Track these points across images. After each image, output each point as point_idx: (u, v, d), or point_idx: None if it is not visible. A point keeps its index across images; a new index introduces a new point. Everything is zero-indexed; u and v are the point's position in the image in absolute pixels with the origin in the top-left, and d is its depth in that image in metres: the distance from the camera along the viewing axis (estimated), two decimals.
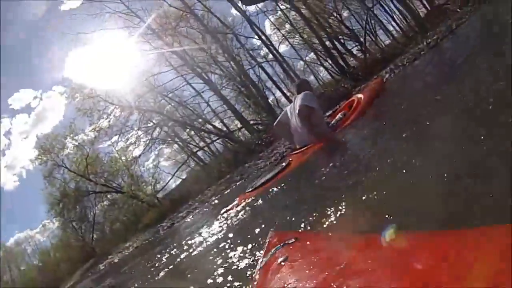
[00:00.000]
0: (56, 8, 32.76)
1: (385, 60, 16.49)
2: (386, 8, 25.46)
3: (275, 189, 3.97)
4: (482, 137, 1.60)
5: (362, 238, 1.16)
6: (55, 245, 27.77)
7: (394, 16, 26.43)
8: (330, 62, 24.82)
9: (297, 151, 4.89)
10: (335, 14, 27.27)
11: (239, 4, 22.87)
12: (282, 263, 1.09)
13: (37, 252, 28.24)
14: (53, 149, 25.47)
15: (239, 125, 26.69)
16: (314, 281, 0.91)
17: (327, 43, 23.74)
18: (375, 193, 1.72)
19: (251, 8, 26.05)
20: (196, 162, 28.14)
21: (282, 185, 4.02)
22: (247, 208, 3.88)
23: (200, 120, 26.72)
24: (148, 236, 13.73)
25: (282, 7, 26.67)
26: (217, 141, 27.95)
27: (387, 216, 1.43)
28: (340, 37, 26.11)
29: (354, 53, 26.06)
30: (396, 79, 8.96)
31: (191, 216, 9.83)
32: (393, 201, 1.59)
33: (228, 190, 9.67)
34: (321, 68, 28.69)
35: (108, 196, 27.06)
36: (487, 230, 0.82)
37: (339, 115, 5.28)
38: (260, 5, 26.18)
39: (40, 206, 35.25)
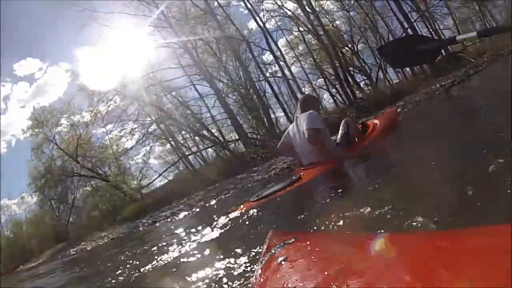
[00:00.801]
0: None
1: (393, 96, 16.60)
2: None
3: (285, 197, 3.96)
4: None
5: (362, 238, 1.15)
6: (29, 219, 27.12)
7: None
8: (339, 90, 25.00)
9: (307, 167, 4.70)
10: (349, 45, 27.51)
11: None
12: (282, 263, 1.07)
13: (10, 223, 27.50)
14: (47, 123, 25.26)
15: (236, 137, 26.57)
16: (314, 281, 0.89)
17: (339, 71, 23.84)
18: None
19: (270, 25, 26.22)
20: (186, 166, 27.85)
21: (293, 195, 3.98)
22: (251, 213, 3.77)
23: (198, 124, 26.54)
24: (126, 229, 13.44)
25: (300, 28, 26.90)
26: (211, 148, 27.81)
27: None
28: (351, 68, 26.24)
29: (361, 86, 26.22)
30: (409, 113, 8.85)
31: (176, 217, 9.56)
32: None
33: (220, 197, 9.58)
34: (326, 95, 28.86)
35: (92, 182, 26.64)
36: (487, 230, 0.83)
37: (340, 130, 5.12)
38: (279, 22, 26.40)
39: (22, 179, 34.79)
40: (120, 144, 26.59)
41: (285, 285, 0.95)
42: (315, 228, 1.87)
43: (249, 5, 25.61)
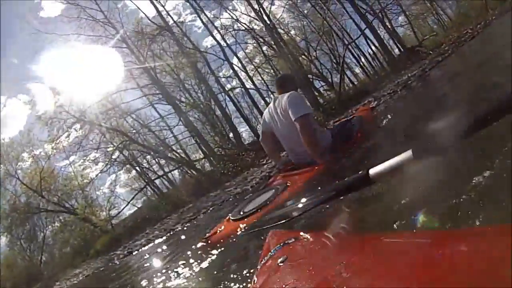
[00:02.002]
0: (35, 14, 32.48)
1: (358, 95, 16.94)
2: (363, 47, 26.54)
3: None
4: None
5: (363, 238, 1.15)
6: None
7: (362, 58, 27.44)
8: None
9: (293, 172, 3.99)
10: (305, 53, 27.94)
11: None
12: (282, 263, 1.07)
13: None
14: (7, 157, 24.28)
15: (201, 155, 26.33)
16: (314, 281, 0.89)
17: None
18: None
19: (229, 38, 26.40)
20: (154, 191, 27.30)
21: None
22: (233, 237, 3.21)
23: (161, 147, 26.17)
24: (101, 264, 12.91)
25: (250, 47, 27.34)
26: (178, 170, 27.43)
27: None
28: (309, 75, 26.66)
29: (321, 91, 26.68)
30: (384, 108, 8.79)
31: (152, 244, 9.19)
32: None
33: (197, 217, 9.39)
34: None
35: (60, 217, 25.83)
36: (487, 230, 0.83)
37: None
38: (236, 36, 26.63)
39: None
40: (85, 175, 25.82)
41: (285, 285, 0.94)
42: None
43: (205, 21, 25.86)
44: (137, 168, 27.27)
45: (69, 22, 23.79)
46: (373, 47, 27.43)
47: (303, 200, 1.70)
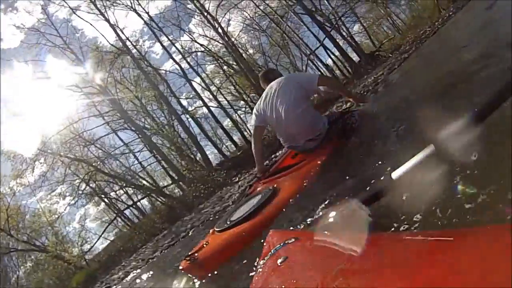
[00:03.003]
0: None
1: (324, 103, 17.11)
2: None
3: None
4: None
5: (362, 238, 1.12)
6: None
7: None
8: None
9: (276, 176, 3.79)
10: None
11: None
12: (282, 263, 1.07)
13: None
14: None
15: (170, 181, 26.05)
16: (314, 281, 0.88)
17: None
18: None
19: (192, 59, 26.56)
20: (125, 222, 26.67)
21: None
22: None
23: (128, 175, 25.74)
24: None
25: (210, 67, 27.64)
26: (147, 198, 26.93)
27: None
28: None
29: None
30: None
31: (131, 275, 8.89)
32: None
33: (174, 242, 9.11)
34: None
35: (32, 256, 24.83)
36: (487, 230, 0.83)
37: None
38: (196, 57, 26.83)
39: None
40: (53, 210, 25.00)
41: (285, 285, 0.95)
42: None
43: (165, 44, 25.93)
44: (106, 199, 26.59)
45: (29, 48, 23.54)
46: (333, 57, 28.13)
47: None
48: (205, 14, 25.72)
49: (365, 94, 4.44)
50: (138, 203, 27.34)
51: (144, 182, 26.10)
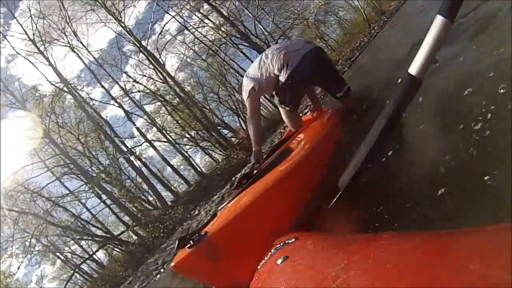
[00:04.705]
0: None
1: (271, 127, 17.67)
2: None
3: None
4: None
5: (363, 238, 1.16)
6: None
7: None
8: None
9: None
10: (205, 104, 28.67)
11: None
12: (282, 263, 1.07)
13: None
14: None
15: (124, 227, 25.26)
16: (314, 281, 0.90)
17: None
18: None
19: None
20: (84, 277, 25.33)
21: None
22: None
23: (79, 226, 24.71)
24: None
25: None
26: (103, 248, 25.85)
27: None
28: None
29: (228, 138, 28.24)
30: None
31: None
32: None
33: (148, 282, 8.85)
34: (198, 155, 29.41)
35: None
36: (487, 230, 0.83)
37: None
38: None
39: None
40: (7, 273, 23.41)
41: (285, 285, 0.95)
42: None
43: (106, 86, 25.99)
44: (60, 255, 25.29)
45: None
46: None
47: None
48: (144, 52, 25.65)
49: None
50: (95, 255, 26.14)
51: (98, 231, 25.07)
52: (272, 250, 1.23)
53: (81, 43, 25.67)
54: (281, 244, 1.24)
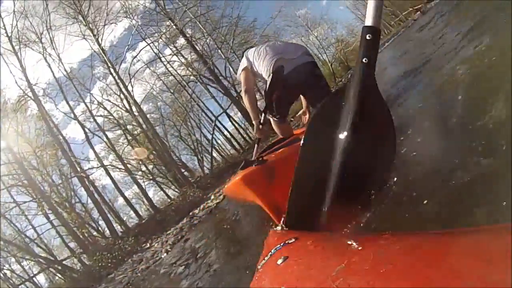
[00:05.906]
0: None
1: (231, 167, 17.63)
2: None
3: None
4: None
5: (363, 238, 1.13)
6: None
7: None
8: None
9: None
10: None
11: None
12: (282, 263, 1.07)
13: None
14: None
15: (69, 252, 24.15)
16: (314, 281, 0.91)
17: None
18: None
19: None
20: None
21: None
22: None
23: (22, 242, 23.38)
24: None
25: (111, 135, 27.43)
26: (43, 273, 24.43)
27: None
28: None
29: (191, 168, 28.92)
30: None
31: None
32: None
33: None
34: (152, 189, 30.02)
35: None
36: (487, 230, 0.83)
37: None
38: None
39: None
40: None
41: (285, 285, 0.96)
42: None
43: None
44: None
45: None
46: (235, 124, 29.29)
47: None
48: (115, 76, 25.59)
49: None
50: (35, 278, 24.51)
51: (41, 252, 23.75)
52: (272, 250, 1.22)
53: (56, 52, 25.34)
54: (281, 244, 1.22)
